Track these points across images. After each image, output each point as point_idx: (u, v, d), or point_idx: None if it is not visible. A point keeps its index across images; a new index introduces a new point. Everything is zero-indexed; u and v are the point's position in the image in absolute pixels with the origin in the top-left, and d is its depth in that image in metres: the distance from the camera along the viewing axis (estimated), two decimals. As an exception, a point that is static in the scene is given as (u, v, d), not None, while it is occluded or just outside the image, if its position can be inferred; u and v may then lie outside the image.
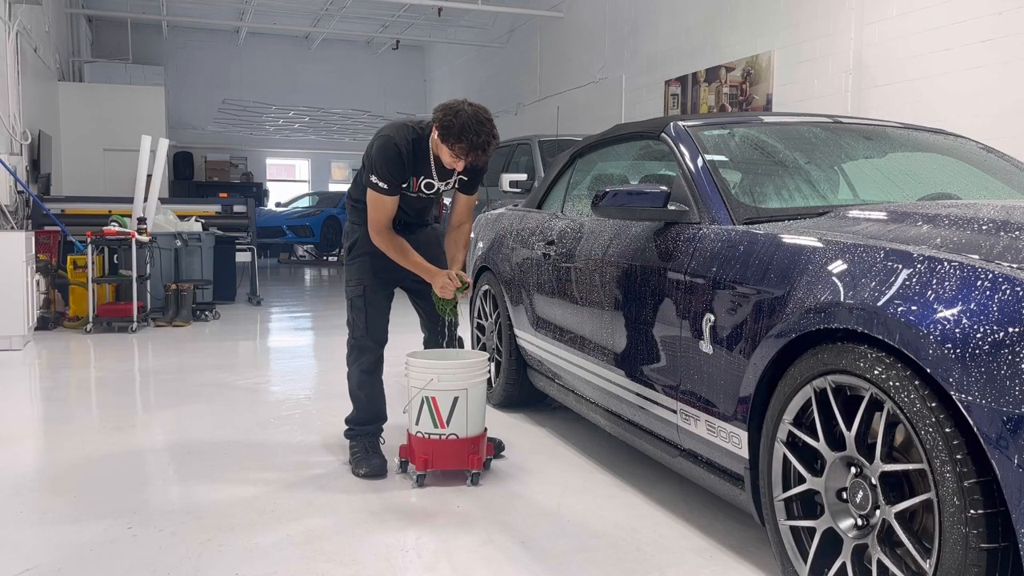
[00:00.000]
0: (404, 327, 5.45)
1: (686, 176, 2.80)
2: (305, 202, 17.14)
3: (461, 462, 3.07)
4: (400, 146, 3.04)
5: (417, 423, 3.08)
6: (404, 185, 3.13)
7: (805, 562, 2.04)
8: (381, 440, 3.36)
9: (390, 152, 3.04)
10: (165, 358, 5.68)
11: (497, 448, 3.38)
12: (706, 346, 2.39)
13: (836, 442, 1.97)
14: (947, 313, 1.65)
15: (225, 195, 14.68)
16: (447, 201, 7.70)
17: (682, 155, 2.88)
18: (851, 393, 1.92)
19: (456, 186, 3.27)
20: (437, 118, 2.99)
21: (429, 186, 3.20)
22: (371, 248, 3.21)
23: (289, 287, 11.30)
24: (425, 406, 3.05)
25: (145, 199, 7.75)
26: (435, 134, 3.02)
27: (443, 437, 3.05)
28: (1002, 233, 1.89)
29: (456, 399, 3.04)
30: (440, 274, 3.15)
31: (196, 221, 8.47)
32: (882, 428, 1.81)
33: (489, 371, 3.47)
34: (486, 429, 3.18)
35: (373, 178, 3.06)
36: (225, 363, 5.52)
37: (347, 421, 3.36)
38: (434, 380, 3.03)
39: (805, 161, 3.07)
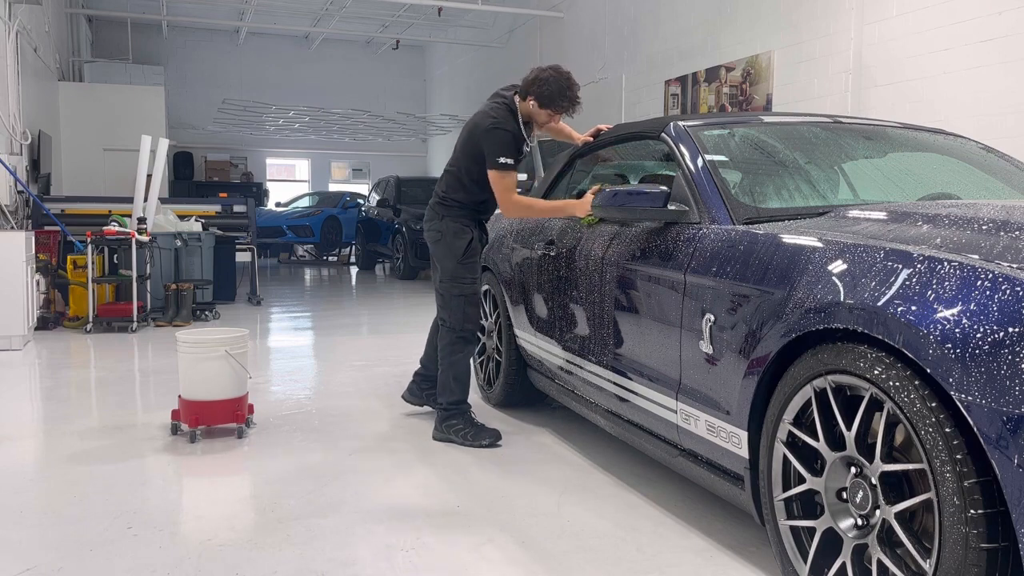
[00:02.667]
0: (412, 327, 5.47)
1: (686, 176, 2.80)
2: (305, 202, 17.13)
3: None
4: (512, 126, 3.55)
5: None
6: (521, 156, 3.64)
7: (805, 562, 2.04)
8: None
9: (508, 134, 3.53)
10: (165, 358, 5.68)
11: None
12: (706, 346, 2.39)
13: (836, 442, 1.97)
14: (947, 313, 1.65)
15: (225, 195, 14.66)
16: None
17: (682, 155, 2.88)
18: (851, 393, 1.92)
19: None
20: (533, 92, 3.54)
21: (526, 144, 3.70)
22: (480, 248, 3.73)
23: (289, 287, 11.30)
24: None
25: (145, 199, 7.75)
26: (532, 104, 3.56)
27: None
28: (1002, 233, 1.89)
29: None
30: (577, 204, 3.41)
31: (196, 221, 8.47)
32: (882, 428, 1.81)
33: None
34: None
35: (500, 159, 3.50)
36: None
37: (450, 405, 3.67)
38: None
39: (805, 161, 3.07)
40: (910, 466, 1.77)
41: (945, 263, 1.75)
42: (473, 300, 3.68)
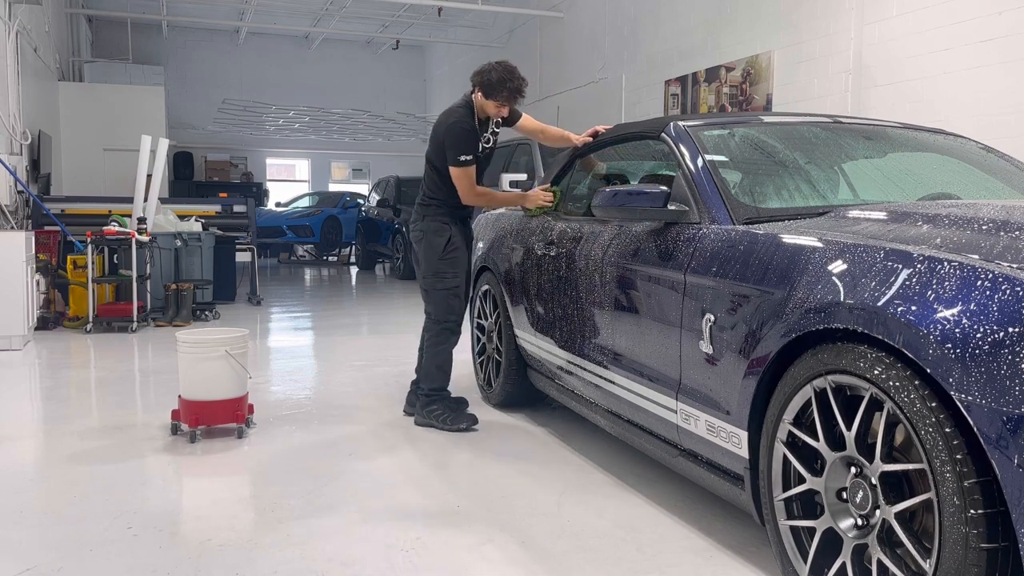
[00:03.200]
0: (412, 327, 5.38)
1: (686, 176, 2.80)
2: (305, 202, 17.13)
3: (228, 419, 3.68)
4: (467, 124, 3.77)
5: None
6: (479, 151, 3.84)
7: (805, 562, 2.04)
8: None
9: (464, 132, 3.76)
10: (165, 358, 5.68)
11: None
12: (706, 346, 2.39)
13: (836, 442, 1.97)
14: (947, 313, 1.65)
15: (225, 195, 14.67)
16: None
17: (682, 155, 2.88)
18: (851, 393, 1.92)
19: (499, 128, 3.97)
20: (476, 82, 3.77)
21: (487, 140, 3.90)
22: (461, 243, 3.91)
23: (289, 287, 11.30)
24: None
25: (145, 199, 7.75)
26: (478, 96, 3.77)
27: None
28: (1002, 233, 1.89)
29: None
30: (530, 194, 3.88)
31: (196, 221, 8.47)
32: (882, 428, 1.81)
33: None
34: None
35: (461, 157, 3.74)
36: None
37: (431, 391, 3.91)
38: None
39: (805, 161, 3.07)
40: (910, 466, 1.77)
41: (945, 263, 1.75)
42: (456, 292, 3.87)
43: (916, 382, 1.69)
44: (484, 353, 4.46)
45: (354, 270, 14.41)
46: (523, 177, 7.87)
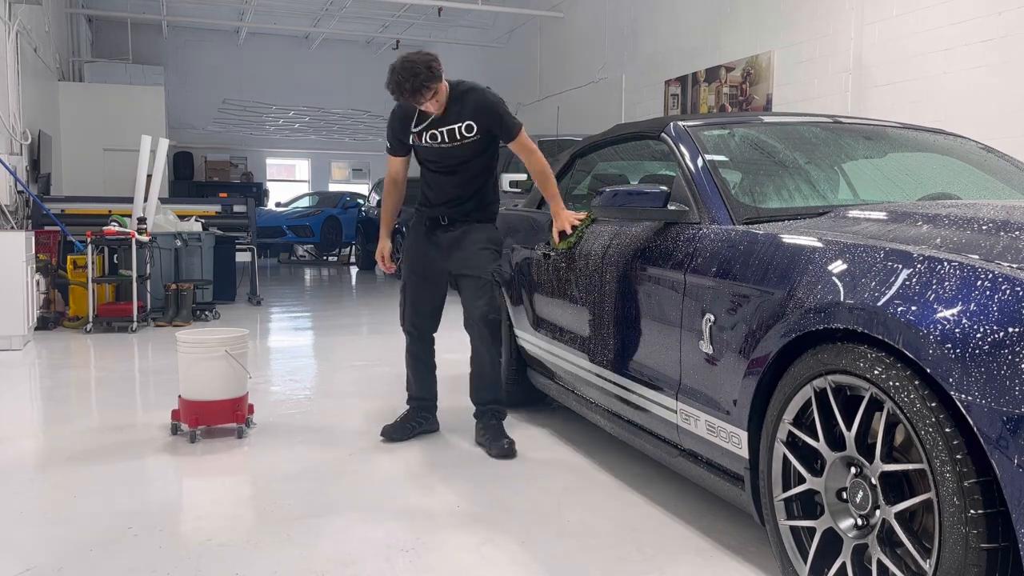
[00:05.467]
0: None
1: (686, 176, 2.80)
2: (305, 202, 17.14)
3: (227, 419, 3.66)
4: (399, 110, 3.50)
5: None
6: (409, 143, 3.53)
7: (805, 562, 2.04)
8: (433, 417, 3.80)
9: (392, 116, 3.55)
10: (165, 358, 5.68)
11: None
12: (706, 346, 2.39)
13: (836, 442, 1.97)
14: (947, 313, 1.65)
15: (225, 195, 14.66)
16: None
17: (682, 155, 2.88)
18: (851, 393, 1.92)
19: (482, 143, 3.48)
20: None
21: (433, 136, 3.44)
22: (410, 244, 3.68)
23: (289, 287, 11.30)
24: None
25: (145, 199, 7.75)
26: None
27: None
28: (1002, 233, 1.89)
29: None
30: (381, 247, 3.75)
31: (196, 221, 8.47)
32: (882, 428, 1.81)
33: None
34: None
35: (387, 144, 3.64)
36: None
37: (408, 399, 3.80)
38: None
39: (805, 161, 3.07)
40: (910, 466, 1.77)
41: (945, 263, 1.75)
42: (401, 295, 3.70)
43: (916, 382, 1.69)
44: (484, 353, 4.45)
45: (354, 270, 14.41)
46: (523, 177, 7.86)
